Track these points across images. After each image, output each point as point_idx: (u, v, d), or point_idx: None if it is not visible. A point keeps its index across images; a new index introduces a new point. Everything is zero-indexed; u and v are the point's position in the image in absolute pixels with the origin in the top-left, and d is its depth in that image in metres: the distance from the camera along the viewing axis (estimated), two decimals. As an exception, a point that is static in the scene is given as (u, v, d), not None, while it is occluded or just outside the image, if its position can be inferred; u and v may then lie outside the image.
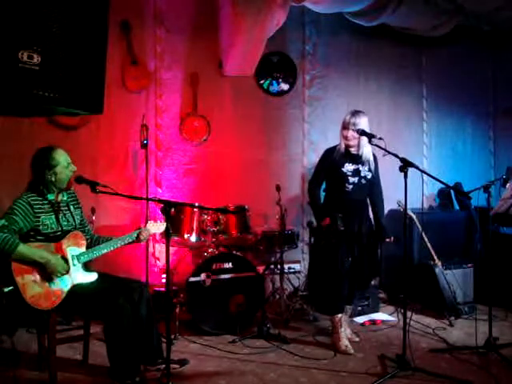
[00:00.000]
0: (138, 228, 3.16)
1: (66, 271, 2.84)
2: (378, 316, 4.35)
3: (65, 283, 2.84)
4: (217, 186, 4.80)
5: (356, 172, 3.62)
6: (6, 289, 2.69)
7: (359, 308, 4.35)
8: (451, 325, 4.14)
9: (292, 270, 4.86)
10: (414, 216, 4.48)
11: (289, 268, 4.79)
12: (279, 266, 4.36)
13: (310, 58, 5.20)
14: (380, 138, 3.33)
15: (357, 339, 3.75)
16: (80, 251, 2.96)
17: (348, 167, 3.60)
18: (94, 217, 4.00)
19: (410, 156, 3.29)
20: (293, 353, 3.51)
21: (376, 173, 3.73)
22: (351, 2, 4.52)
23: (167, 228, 2.78)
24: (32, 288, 2.71)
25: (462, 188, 5.36)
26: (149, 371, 2.97)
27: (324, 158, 3.72)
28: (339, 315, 3.62)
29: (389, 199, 4.07)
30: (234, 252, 4.11)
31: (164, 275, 4.04)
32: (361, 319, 4.25)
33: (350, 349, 3.51)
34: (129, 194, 3.32)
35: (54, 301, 2.78)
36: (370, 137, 3.41)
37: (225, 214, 4.06)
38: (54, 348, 2.87)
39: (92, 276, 2.98)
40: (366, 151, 3.63)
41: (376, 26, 4.92)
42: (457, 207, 5.56)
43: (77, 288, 2.87)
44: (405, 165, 3.11)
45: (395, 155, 3.19)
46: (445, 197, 5.58)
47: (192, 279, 3.80)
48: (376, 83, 5.46)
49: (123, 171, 4.55)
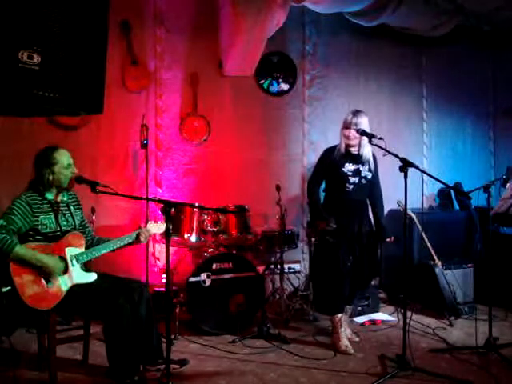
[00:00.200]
0: (138, 228, 3.16)
1: (65, 271, 2.84)
2: (378, 316, 4.35)
3: (64, 283, 2.84)
4: (217, 186, 4.80)
5: (356, 172, 3.61)
6: (4, 289, 2.68)
7: (359, 308, 4.35)
8: (451, 325, 4.14)
9: (292, 270, 4.87)
10: (414, 216, 4.48)
11: (289, 268, 4.79)
12: (279, 266, 4.36)
13: (310, 58, 5.20)
14: (380, 138, 3.33)
15: (357, 339, 3.75)
16: (79, 251, 2.96)
17: (348, 167, 3.59)
18: (94, 217, 3.99)
19: (410, 156, 3.29)
20: (293, 353, 3.51)
21: (376, 173, 3.73)
22: (351, 2, 4.52)
23: (167, 228, 2.78)
24: (30, 288, 2.71)
25: (462, 188, 5.36)
26: (149, 371, 2.97)
27: (324, 158, 3.72)
28: (339, 315, 3.62)
29: (389, 199, 4.07)
30: (234, 252, 4.12)
31: (164, 275, 4.04)
32: (361, 319, 4.25)
33: (350, 349, 3.51)
34: (129, 194, 3.33)
35: (53, 301, 2.77)
36: (371, 137, 3.40)
37: (225, 214, 4.06)
38: (54, 348, 2.87)
39: (91, 276, 2.97)
40: (367, 151, 3.63)
41: (376, 26, 4.92)
42: (457, 207, 5.56)
43: (76, 288, 2.87)
44: (405, 165, 3.11)
45: (395, 155, 3.19)
46: (445, 197, 5.58)
47: (192, 279, 3.80)
48: (376, 83, 5.46)
49: (123, 171, 4.55)
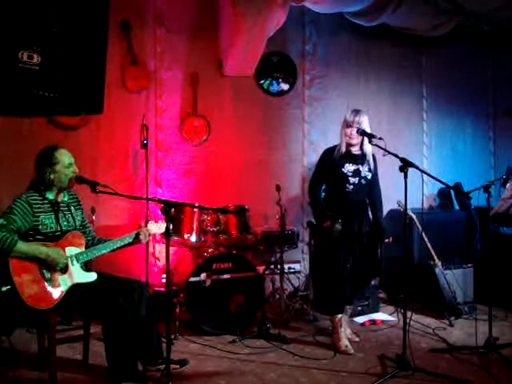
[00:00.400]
0: (138, 227, 3.16)
1: (65, 271, 2.85)
2: (378, 316, 4.35)
3: (64, 283, 2.84)
4: (217, 186, 4.80)
5: (356, 172, 3.61)
6: (4, 288, 2.68)
7: (359, 308, 4.35)
8: (451, 325, 4.13)
9: (292, 270, 4.86)
10: (414, 216, 4.47)
11: (289, 268, 4.78)
12: (279, 266, 4.36)
13: (310, 58, 5.20)
14: (380, 138, 3.33)
15: (357, 339, 3.75)
16: (79, 251, 2.96)
17: (348, 167, 3.59)
18: (94, 217, 3.99)
19: (410, 156, 3.30)
20: (293, 353, 3.51)
21: (375, 173, 3.72)
22: (351, 2, 4.52)
23: (167, 228, 2.78)
24: (30, 287, 2.71)
25: (462, 188, 5.36)
26: (149, 371, 2.97)
27: (324, 158, 3.71)
28: (339, 316, 3.61)
29: (389, 199, 4.07)
30: (234, 252, 4.12)
31: (164, 275, 4.03)
32: (361, 319, 4.25)
33: (350, 349, 3.51)
34: (129, 194, 3.32)
35: (53, 300, 2.77)
36: (371, 137, 3.40)
37: (225, 214, 4.06)
38: (54, 348, 2.86)
39: (91, 276, 2.97)
40: (367, 150, 3.63)
41: (376, 26, 4.92)
42: (457, 207, 5.57)
43: (76, 288, 2.87)
44: (405, 165, 3.11)
45: (395, 155, 3.19)
46: (445, 197, 5.58)
47: (192, 279, 3.80)
48: (376, 83, 5.46)
49: (123, 171, 4.55)
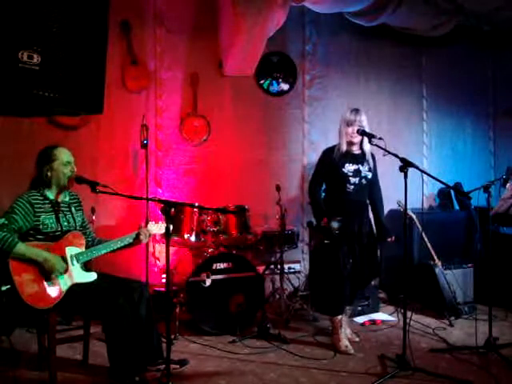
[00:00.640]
0: (139, 227, 3.16)
1: (65, 270, 2.85)
2: (378, 316, 4.35)
3: (64, 283, 2.83)
4: (217, 186, 4.80)
5: (357, 172, 3.60)
6: (4, 287, 2.68)
7: (359, 308, 4.35)
8: (451, 325, 4.13)
9: (292, 270, 4.86)
10: (414, 216, 4.47)
11: (289, 268, 4.78)
12: (279, 266, 4.36)
13: (310, 58, 5.20)
14: (380, 138, 3.33)
15: (357, 339, 3.75)
16: (79, 251, 2.96)
17: (349, 167, 3.58)
18: (94, 217, 3.99)
19: (410, 156, 3.30)
20: (293, 353, 3.51)
21: (375, 172, 3.72)
22: (351, 2, 4.52)
23: (167, 228, 2.78)
24: (30, 287, 2.71)
25: (462, 188, 5.36)
26: (149, 371, 2.96)
27: (323, 159, 3.70)
28: (339, 316, 3.61)
29: (389, 199, 4.07)
30: (234, 252, 4.12)
31: (164, 275, 4.03)
32: (361, 319, 4.25)
33: (350, 349, 3.51)
34: (129, 194, 3.32)
35: (52, 300, 2.77)
36: (371, 137, 3.40)
37: (225, 214, 4.06)
38: (54, 348, 2.86)
39: (91, 276, 2.97)
40: (367, 149, 3.63)
41: (376, 26, 4.92)
42: (457, 207, 5.56)
43: (76, 288, 2.87)
44: (405, 165, 3.11)
45: (395, 155, 3.19)
46: (445, 197, 5.58)
47: (192, 279, 3.80)
48: (376, 83, 5.46)
49: (123, 171, 4.55)
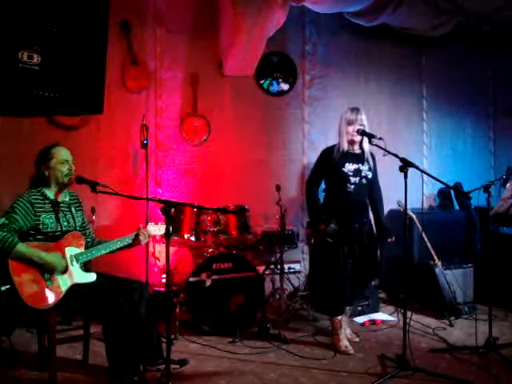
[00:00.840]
0: (138, 229, 3.16)
1: (65, 271, 2.85)
2: (378, 316, 4.35)
3: (63, 283, 2.83)
4: (217, 186, 4.80)
5: (357, 172, 3.59)
6: (3, 287, 2.68)
7: (359, 308, 4.35)
8: (451, 325, 4.13)
9: (292, 270, 4.86)
10: (414, 216, 4.47)
11: (289, 268, 4.78)
12: (279, 266, 4.36)
13: (310, 58, 5.21)
14: (380, 138, 3.33)
15: (357, 339, 3.75)
16: (79, 251, 2.96)
17: (349, 167, 3.57)
18: (94, 217, 4.00)
19: (410, 156, 3.30)
20: (293, 353, 3.51)
21: (375, 172, 3.71)
22: (351, 2, 4.52)
23: (167, 228, 2.78)
24: (29, 287, 2.71)
25: (462, 188, 5.36)
26: (149, 371, 2.96)
27: (322, 158, 3.68)
28: (339, 317, 3.61)
29: (389, 199, 4.07)
30: (234, 252, 4.12)
31: (164, 275, 4.04)
32: (361, 319, 4.25)
33: (350, 349, 3.51)
34: (129, 194, 3.32)
35: (52, 300, 2.77)
36: (371, 137, 3.40)
37: (225, 214, 4.06)
38: (54, 348, 2.86)
39: (91, 276, 2.97)
40: (366, 149, 3.62)
41: (376, 26, 4.92)
42: (457, 207, 5.56)
43: (76, 288, 2.87)
44: (405, 165, 3.11)
45: (395, 155, 3.19)
46: (445, 197, 5.58)
47: (192, 279, 3.80)
48: (376, 83, 5.46)
49: (123, 171, 4.55)
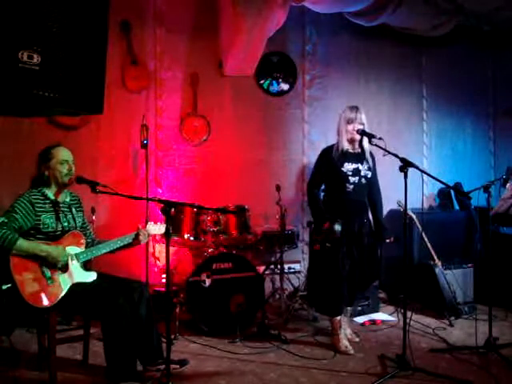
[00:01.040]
0: (137, 228, 3.16)
1: (65, 270, 2.85)
2: (378, 316, 4.35)
3: (64, 282, 2.84)
4: (217, 186, 4.80)
5: (356, 171, 3.58)
6: (4, 286, 2.69)
7: (359, 308, 4.35)
8: (451, 325, 4.14)
9: (292, 270, 4.86)
10: (414, 216, 4.47)
11: (289, 268, 4.78)
12: (279, 266, 4.36)
13: (310, 58, 5.21)
14: (380, 138, 3.33)
15: (357, 339, 3.75)
16: (79, 250, 2.97)
17: (348, 167, 3.56)
18: (94, 217, 4.00)
19: (410, 156, 3.30)
20: (293, 353, 3.51)
21: (374, 173, 3.71)
22: (351, 2, 4.53)
23: (167, 228, 2.78)
24: (30, 286, 2.71)
25: (462, 188, 5.37)
26: (149, 371, 2.97)
27: (322, 159, 3.68)
28: (338, 317, 3.61)
29: (389, 199, 4.07)
30: (234, 252, 4.12)
31: (164, 275, 4.03)
32: (361, 319, 4.25)
33: (350, 349, 3.51)
34: (129, 194, 3.32)
35: (53, 299, 2.77)
36: (370, 137, 3.40)
37: (225, 214, 4.06)
38: (54, 348, 2.86)
39: (91, 275, 2.98)
40: (366, 148, 3.62)
41: (376, 26, 4.92)
42: (457, 207, 5.57)
43: (76, 287, 2.87)
44: (405, 165, 3.11)
45: (395, 155, 3.19)
46: (445, 197, 5.59)
47: (192, 279, 3.80)
48: (376, 83, 5.46)
49: (123, 171, 4.55)
